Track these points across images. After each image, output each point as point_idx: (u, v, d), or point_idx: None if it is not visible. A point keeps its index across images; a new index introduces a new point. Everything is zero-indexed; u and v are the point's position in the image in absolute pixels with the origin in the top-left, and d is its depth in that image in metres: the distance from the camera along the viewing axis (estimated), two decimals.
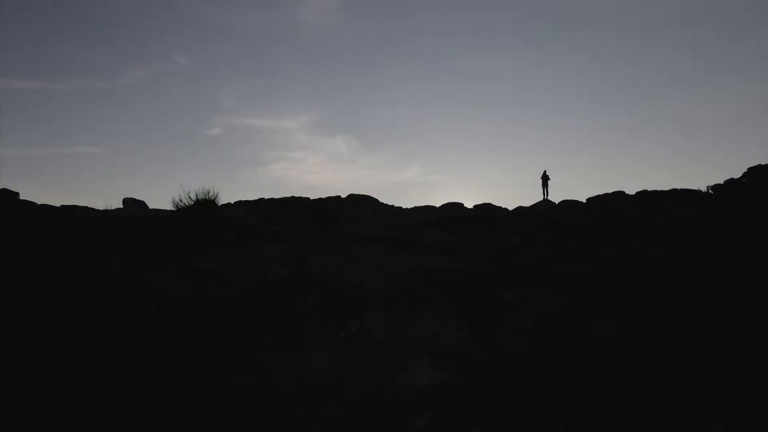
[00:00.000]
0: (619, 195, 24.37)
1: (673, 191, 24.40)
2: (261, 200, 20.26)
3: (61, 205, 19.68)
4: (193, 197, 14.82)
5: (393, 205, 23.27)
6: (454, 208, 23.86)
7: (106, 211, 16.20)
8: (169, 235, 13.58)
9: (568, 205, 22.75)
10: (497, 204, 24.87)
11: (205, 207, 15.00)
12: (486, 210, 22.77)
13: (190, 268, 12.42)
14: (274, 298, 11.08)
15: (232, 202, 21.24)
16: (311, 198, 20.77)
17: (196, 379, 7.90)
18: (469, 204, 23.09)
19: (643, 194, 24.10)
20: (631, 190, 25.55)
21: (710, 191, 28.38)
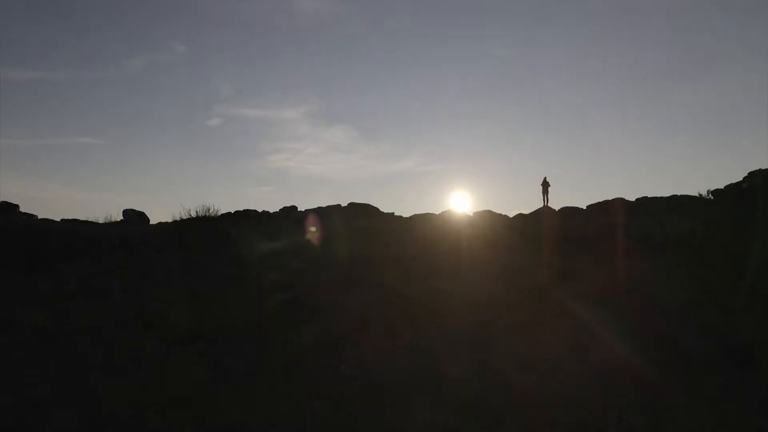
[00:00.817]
0: (619, 203, 24.28)
1: (674, 198, 24.29)
2: (263, 214, 20.25)
3: (62, 219, 19.67)
4: (194, 213, 14.79)
5: (393, 213, 23.25)
6: (457, 213, 23.84)
7: (107, 227, 16.17)
8: (169, 254, 13.58)
9: (568, 212, 22.69)
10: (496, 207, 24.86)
11: (205, 223, 14.98)
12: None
13: (191, 291, 12.43)
14: (273, 327, 11.08)
15: (232, 212, 21.21)
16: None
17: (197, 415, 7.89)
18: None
19: (643, 201, 24.03)
20: (633, 189, 25.42)
21: (710, 196, 28.34)
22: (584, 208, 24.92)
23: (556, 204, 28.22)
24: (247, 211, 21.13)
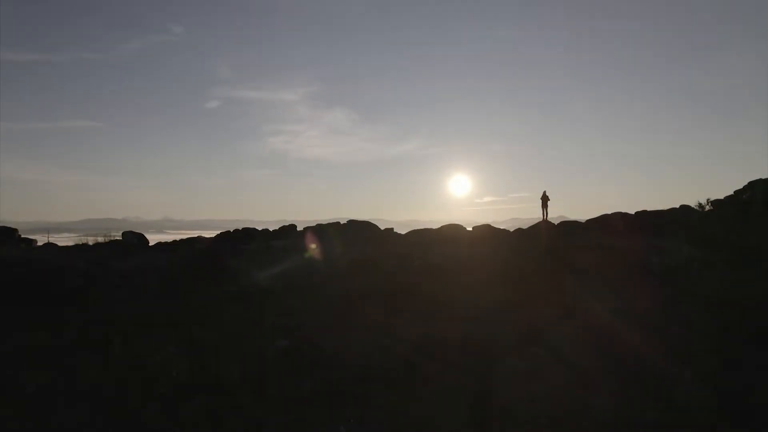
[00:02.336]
0: (618, 217, 24.29)
1: (672, 211, 24.29)
2: (263, 233, 20.19)
3: (63, 246, 19.64)
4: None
5: (392, 230, 23.20)
6: (455, 229, 23.84)
7: (107, 257, 16.12)
8: (170, 296, 13.59)
9: (567, 229, 22.72)
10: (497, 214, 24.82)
11: (203, 257, 14.97)
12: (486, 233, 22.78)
13: (191, 339, 12.49)
14: (273, 379, 11.17)
15: (231, 230, 21.13)
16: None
17: None
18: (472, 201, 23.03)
19: (642, 215, 24.03)
20: (635, 193, 25.45)
21: (710, 205, 28.29)
22: (583, 221, 24.95)
23: (556, 206, 28.00)
24: (247, 231, 21.11)
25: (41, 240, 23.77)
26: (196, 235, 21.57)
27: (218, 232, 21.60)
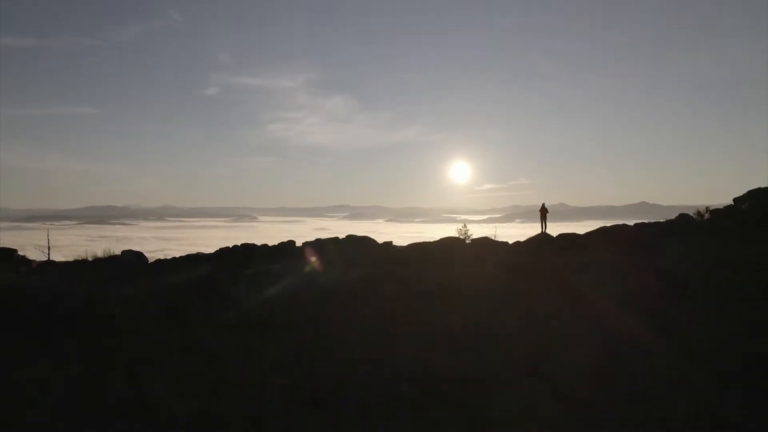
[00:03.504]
0: (617, 230, 24.36)
1: (669, 225, 24.36)
2: (262, 248, 20.23)
3: (62, 263, 19.68)
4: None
5: (391, 243, 23.26)
6: (452, 242, 23.89)
7: (105, 280, 16.15)
8: (169, 328, 13.67)
9: (566, 244, 22.77)
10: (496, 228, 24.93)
11: (203, 286, 15.04)
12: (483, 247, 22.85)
13: (192, 372, 12.58)
14: (274, 419, 11.29)
15: (231, 246, 21.16)
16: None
17: None
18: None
19: (641, 228, 24.11)
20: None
21: (708, 214, 28.29)
22: (582, 234, 25.00)
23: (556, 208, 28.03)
24: (246, 247, 21.18)
25: (39, 252, 23.80)
26: (194, 252, 21.64)
27: (218, 236, 21.65)
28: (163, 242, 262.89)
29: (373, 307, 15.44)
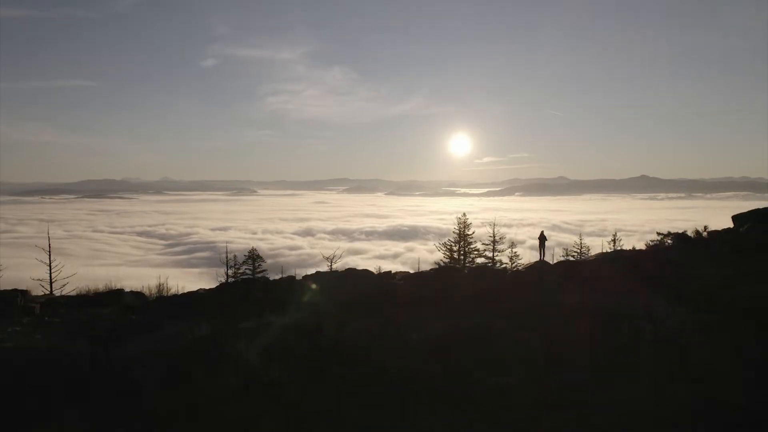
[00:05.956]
0: (616, 254, 24.52)
1: (667, 251, 24.41)
2: (264, 283, 20.40)
3: (64, 302, 19.80)
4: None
5: (390, 272, 23.40)
6: (450, 274, 24.07)
7: (108, 353, 16.10)
8: (170, 394, 13.91)
9: (564, 273, 22.91)
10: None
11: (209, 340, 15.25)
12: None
13: None
14: None
15: (235, 279, 21.32)
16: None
17: None
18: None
19: (638, 256, 24.19)
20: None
21: (705, 234, 28.29)
22: (577, 259, 25.10)
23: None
24: (246, 282, 21.26)
25: (39, 285, 23.84)
26: (197, 289, 21.79)
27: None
28: (163, 216, 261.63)
29: (373, 363, 15.67)
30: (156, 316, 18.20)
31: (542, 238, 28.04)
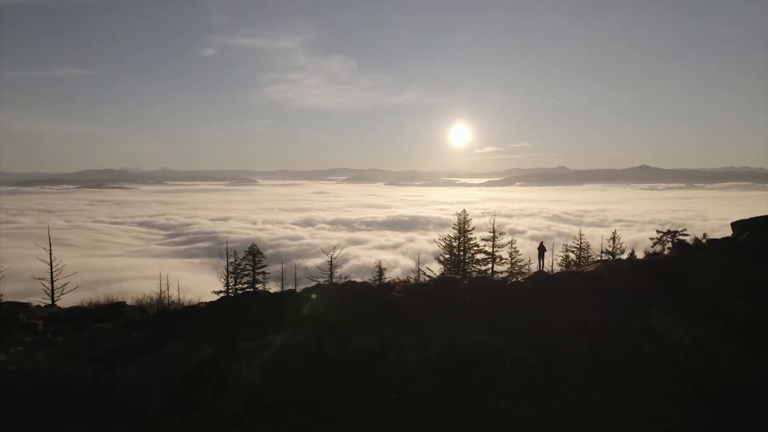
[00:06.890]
0: (614, 265, 24.57)
1: (666, 260, 24.49)
2: (263, 296, 20.47)
3: (66, 311, 19.90)
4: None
5: (388, 284, 23.47)
6: (449, 282, 24.21)
7: (110, 375, 16.20)
8: (171, 420, 14.06)
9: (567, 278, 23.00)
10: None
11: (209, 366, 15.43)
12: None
13: None
14: None
15: (235, 294, 21.42)
16: None
17: None
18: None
19: (637, 267, 24.25)
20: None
21: (704, 241, 28.25)
22: (579, 270, 25.17)
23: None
24: (247, 297, 21.41)
25: (41, 284, 24.04)
26: (197, 302, 21.92)
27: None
28: (163, 206, 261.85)
29: (374, 385, 15.80)
30: (157, 332, 18.31)
31: (541, 249, 28.12)
